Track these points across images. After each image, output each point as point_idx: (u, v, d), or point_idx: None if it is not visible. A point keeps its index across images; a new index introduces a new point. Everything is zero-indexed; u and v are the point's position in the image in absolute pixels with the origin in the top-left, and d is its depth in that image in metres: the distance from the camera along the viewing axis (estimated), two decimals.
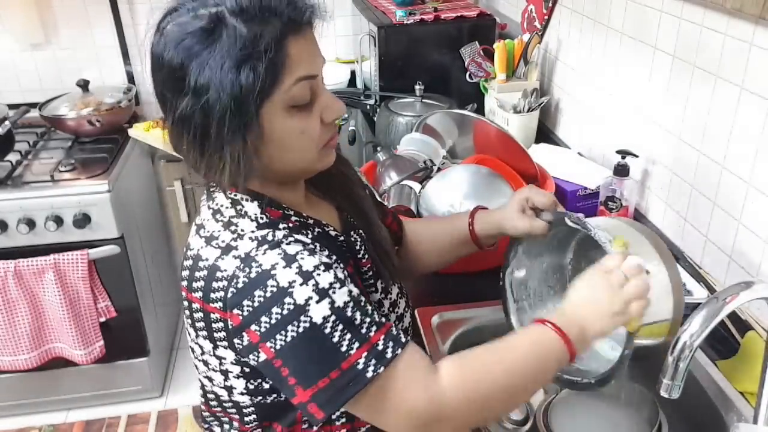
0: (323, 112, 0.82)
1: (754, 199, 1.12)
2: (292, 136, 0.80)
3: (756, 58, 1.09)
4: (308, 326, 0.73)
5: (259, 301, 0.74)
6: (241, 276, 0.76)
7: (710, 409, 1.02)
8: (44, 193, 2.02)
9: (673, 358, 0.80)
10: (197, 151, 0.79)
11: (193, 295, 0.82)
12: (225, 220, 0.82)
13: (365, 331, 0.75)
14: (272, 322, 0.74)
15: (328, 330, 0.74)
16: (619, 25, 1.54)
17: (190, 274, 0.82)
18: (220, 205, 0.84)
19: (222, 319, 0.78)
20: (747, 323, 1.12)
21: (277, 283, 0.74)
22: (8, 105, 2.26)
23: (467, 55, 2.04)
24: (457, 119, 1.68)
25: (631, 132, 1.53)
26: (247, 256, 0.77)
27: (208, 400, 0.92)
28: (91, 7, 2.47)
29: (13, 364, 2.12)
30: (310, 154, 0.83)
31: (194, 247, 0.83)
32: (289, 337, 0.74)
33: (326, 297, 0.75)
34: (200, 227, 0.85)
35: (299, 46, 0.77)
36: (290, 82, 0.77)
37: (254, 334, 0.75)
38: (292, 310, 0.74)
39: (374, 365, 0.74)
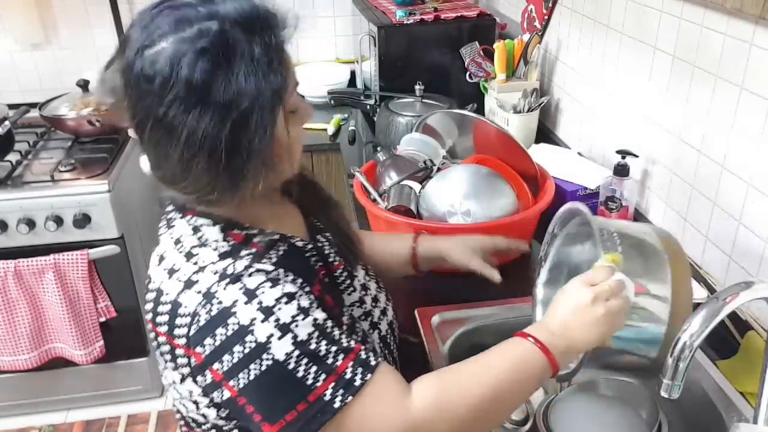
0: (304, 115, 0.85)
1: (754, 199, 1.12)
2: (298, 140, 0.84)
3: (756, 58, 1.09)
4: (271, 364, 0.72)
5: (220, 340, 0.73)
6: (203, 313, 0.75)
7: (710, 409, 1.02)
8: (44, 193, 2.02)
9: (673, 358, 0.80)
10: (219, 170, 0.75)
11: (158, 329, 0.81)
12: (186, 251, 0.80)
13: (331, 361, 0.74)
14: (234, 360, 0.73)
15: (291, 366, 0.72)
16: (619, 25, 1.54)
17: (154, 307, 0.81)
18: (180, 233, 0.83)
19: (186, 355, 0.77)
20: (747, 323, 1.12)
21: (238, 320, 0.73)
22: (8, 105, 2.26)
23: (467, 55, 2.04)
24: (457, 119, 1.68)
25: (631, 132, 1.53)
26: (208, 292, 0.75)
27: (188, 423, 0.90)
28: (91, 7, 2.47)
29: (13, 364, 2.12)
30: (299, 160, 0.86)
31: (156, 280, 0.82)
32: (252, 375, 0.73)
33: (288, 332, 0.73)
34: (161, 258, 0.83)
35: (288, 54, 0.79)
36: (292, 89, 0.79)
37: (217, 373, 0.74)
38: (253, 348, 0.72)
39: (342, 395, 0.73)
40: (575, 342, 0.82)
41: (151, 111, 0.74)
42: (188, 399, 0.83)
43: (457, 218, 1.36)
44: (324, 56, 2.73)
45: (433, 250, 1.12)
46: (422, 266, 1.13)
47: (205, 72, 0.71)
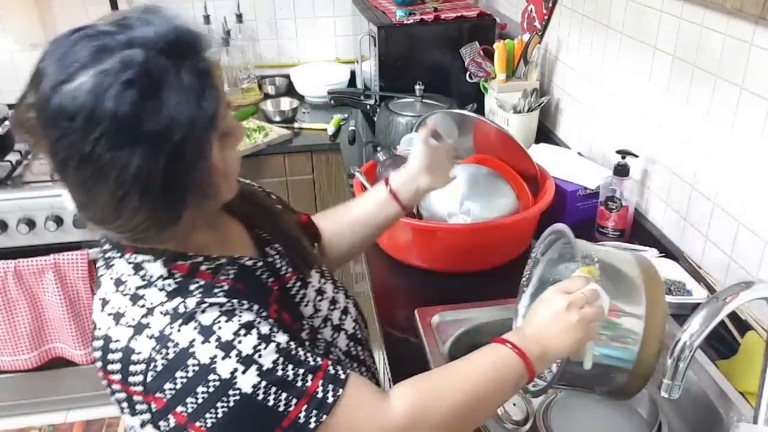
0: (237, 135, 0.80)
1: (754, 199, 1.12)
2: (234, 164, 0.79)
3: (756, 58, 1.09)
4: (239, 398, 0.70)
5: (182, 383, 0.70)
6: (159, 358, 0.71)
7: (710, 409, 1.02)
8: (44, 193, 2.02)
9: (673, 358, 0.80)
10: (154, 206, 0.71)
11: (111, 377, 0.77)
12: (131, 293, 0.76)
13: (300, 384, 0.72)
14: (199, 401, 0.70)
15: (261, 396, 0.70)
16: (619, 25, 1.54)
17: (104, 356, 0.77)
18: (121, 273, 0.79)
19: (145, 402, 0.74)
20: (747, 323, 1.12)
21: (198, 361, 0.70)
22: (8, 105, 2.26)
23: (467, 55, 2.04)
24: (457, 119, 1.68)
25: (631, 132, 1.53)
26: (162, 335, 0.71)
27: None
28: (91, 7, 2.47)
29: (13, 364, 2.12)
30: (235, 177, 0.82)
31: (102, 326, 0.78)
32: (220, 413, 0.70)
33: (252, 364, 0.70)
34: (105, 302, 0.79)
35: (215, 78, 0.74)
36: (224, 109, 0.74)
37: (181, 416, 0.71)
38: (218, 386, 0.69)
39: (316, 415, 0.71)
40: (550, 348, 0.82)
41: (75, 150, 0.68)
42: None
43: (457, 218, 1.36)
44: (324, 56, 2.73)
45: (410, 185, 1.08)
46: (405, 200, 1.08)
47: (133, 104, 0.66)
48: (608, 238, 1.44)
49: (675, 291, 1.21)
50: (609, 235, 1.44)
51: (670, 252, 1.35)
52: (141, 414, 0.75)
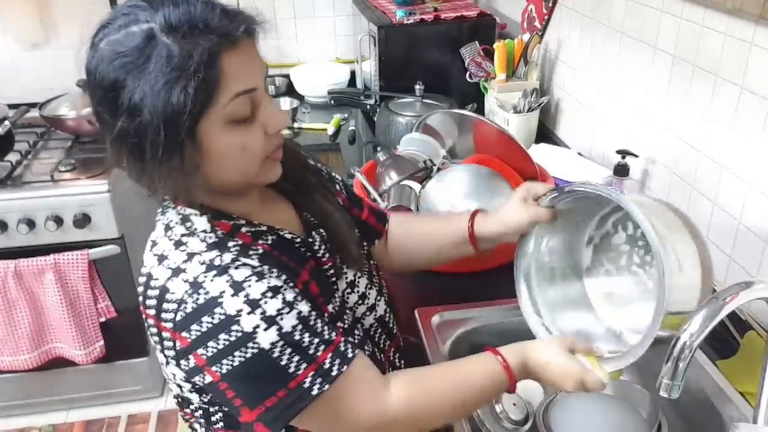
0: (266, 124, 0.80)
1: (754, 199, 1.12)
2: (232, 152, 0.78)
3: (756, 58, 1.09)
4: (256, 352, 0.75)
5: (207, 327, 0.75)
6: (190, 301, 0.76)
7: (710, 409, 1.02)
8: (44, 193, 2.02)
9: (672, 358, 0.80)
10: (136, 168, 0.78)
11: (147, 312, 0.82)
12: (176, 239, 0.82)
13: (312, 351, 0.77)
14: (219, 347, 0.75)
15: (276, 354, 0.75)
16: (619, 25, 1.54)
17: (144, 291, 0.83)
18: (170, 220, 0.84)
19: (171, 338, 0.79)
20: (747, 323, 1.12)
21: (225, 311, 0.75)
22: (8, 105, 2.26)
23: (467, 55, 2.04)
24: (457, 119, 1.68)
25: (631, 132, 1.53)
26: (196, 282, 0.77)
27: (180, 403, 0.92)
28: (91, 7, 2.46)
29: (13, 364, 2.12)
30: (251, 169, 0.82)
31: (147, 265, 0.84)
32: (236, 362, 0.75)
33: (274, 324, 0.76)
34: (154, 244, 0.85)
35: (235, 60, 0.75)
36: (227, 99, 0.75)
37: (200, 358, 0.76)
38: (239, 337, 0.75)
39: (320, 383, 0.77)
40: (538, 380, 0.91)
41: (92, 105, 0.79)
42: (173, 381, 0.86)
43: None
44: (324, 56, 2.73)
45: (492, 223, 1.06)
46: (483, 245, 1.08)
47: (116, 76, 0.73)
48: None
49: None
50: None
51: None
52: (167, 350, 0.81)
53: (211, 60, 0.72)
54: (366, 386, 0.81)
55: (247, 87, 0.76)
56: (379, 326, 1.01)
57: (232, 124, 0.77)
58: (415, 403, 0.83)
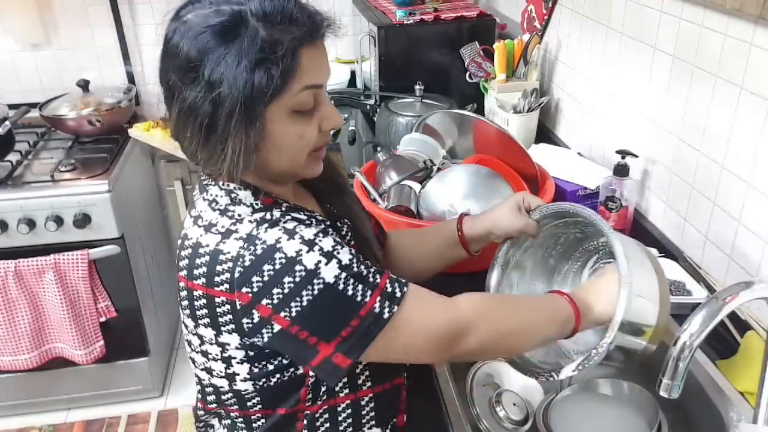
0: (322, 120, 0.86)
1: (754, 199, 1.12)
2: (291, 139, 0.84)
3: (756, 58, 1.09)
4: (323, 287, 0.77)
5: (269, 275, 0.77)
6: (247, 255, 0.78)
7: (710, 409, 1.02)
8: (44, 193, 2.02)
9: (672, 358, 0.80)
10: (200, 141, 0.81)
11: (194, 283, 0.83)
12: (222, 208, 0.84)
13: (372, 279, 0.81)
14: (285, 291, 0.77)
15: (341, 286, 0.78)
16: (619, 25, 1.54)
17: (190, 262, 0.83)
18: (215, 195, 0.86)
19: (228, 301, 0.80)
20: (747, 323, 1.12)
21: (285, 254, 0.77)
22: (8, 105, 2.26)
23: (467, 55, 2.04)
24: (457, 119, 1.68)
25: (631, 132, 1.53)
26: (249, 236, 0.79)
27: (206, 395, 0.93)
28: (91, 7, 2.47)
29: (13, 364, 2.12)
30: (301, 159, 0.87)
31: (192, 236, 0.85)
32: (305, 301, 0.77)
33: (333, 258, 0.79)
34: (197, 218, 0.86)
35: (311, 56, 0.80)
36: (298, 89, 0.80)
37: (265, 309, 0.78)
38: (304, 276, 0.77)
39: (389, 306, 0.80)
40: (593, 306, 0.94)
41: (164, 75, 0.83)
42: (218, 358, 0.86)
43: None
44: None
45: (480, 226, 1.12)
46: (473, 246, 1.13)
47: (202, 47, 0.77)
48: None
49: (675, 291, 1.21)
50: None
51: (669, 252, 1.35)
52: (221, 317, 0.82)
53: (294, 50, 0.78)
54: (431, 300, 0.86)
55: (315, 82, 0.82)
56: None
57: (295, 114, 0.82)
58: (484, 309, 0.87)
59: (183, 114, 0.80)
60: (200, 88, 0.77)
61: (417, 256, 1.17)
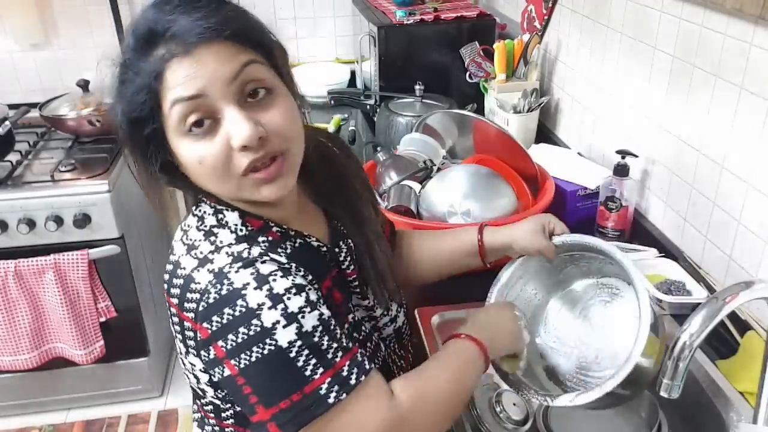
0: (229, 136, 0.75)
1: (754, 199, 1.12)
2: (191, 165, 0.78)
3: (756, 58, 1.09)
4: (273, 349, 0.73)
5: (227, 319, 0.74)
6: (213, 291, 0.75)
7: (710, 409, 1.02)
8: (44, 193, 2.02)
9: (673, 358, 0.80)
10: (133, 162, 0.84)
11: (171, 300, 0.82)
12: (206, 229, 0.83)
13: (331, 356, 0.75)
14: (238, 341, 0.74)
15: (293, 354, 0.73)
16: (619, 25, 1.54)
17: (170, 278, 0.83)
18: (203, 212, 0.85)
19: (192, 329, 0.79)
20: (747, 323, 1.12)
21: (247, 303, 0.74)
22: (8, 105, 2.26)
23: (467, 55, 2.04)
24: (457, 119, 1.68)
25: (631, 132, 1.53)
26: (221, 272, 0.76)
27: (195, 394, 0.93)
28: (91, 7, 2.47)
29: (13, 364, 2.12)
30: (222, 184, 0.79)
31: (176, 253, 0.84)
32: (253, 358, 0.74)
33: (294, 322, 0.74)
34: (185, 233, 0.85)
35: (180, 67, 0.73)
36: (167, 107, 0.74)
37: (220, 350, 0.75)
38: (258, 332, 0.73)
39: (337, 391, 0.74)
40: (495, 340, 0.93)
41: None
42: (191, 372, 0.86)
43: (457, 218, 1.36)
44: (324, 56, 2.73)
45: (501, 238, 1.10)
46: (490, 257, 1.12)
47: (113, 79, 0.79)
48: (608, 238, 1.44)
49: (675, 291, 1.21)
50: (609, 235, 1.44)
51: (670, 252, 1.35)
52: (188, 340, 0.81)
53: (154, 72, 0.74)
54: (378, 396, 0.78)
55: (183, 94, 0.73)
56: (395, 337, 1.02)
57: (188, 134, 0.75)
58: (418, 393, 0.82)
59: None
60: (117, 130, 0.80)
61: (427, 259, 1.15)
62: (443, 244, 1.15)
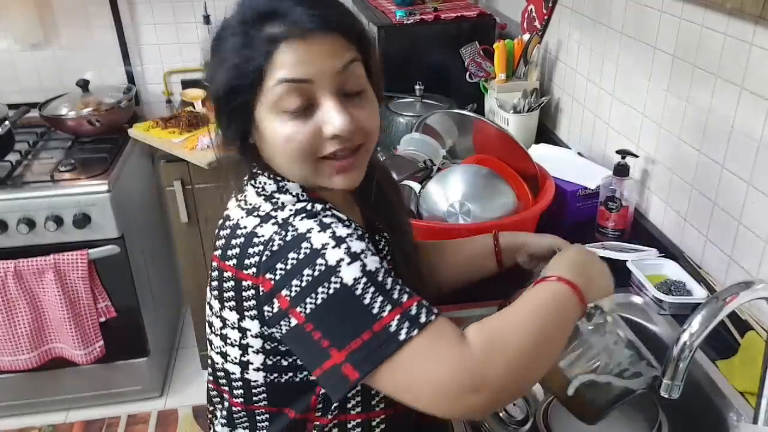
0: (323, 124, 0.80)
1: (754, 199, 1.12)
2: (277, 140, 0.81)
3: (756, 58, 1.09)
4: (338, 287, 0.73)
5: (291, 264, 0.75)
6: (277, 239, 0.77)
7: (710, 409, 1.02)
8: (44, 193, 2.02)
9: (673, 358, 0.80)
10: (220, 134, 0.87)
11: (226, 264, 0.82)
12: (267, 194, 0.85)
13: (397, 296, 0.74)
14: (303, 284, 0.74)
15: (359, 291, 0.73)
16: (619, 25, 1.54)
17: (226, 242, 0.83)
18: (263, 182, 0.87)
19: (254, 285, 0.79)
20: (747, 323, 1.12)
21: (311, 245, 0.75)
22: (8, 105, 2.26)
23: (467, 55, 2.04)
24: (457, 119, 1.69)
25: (631, 132, 1.53)
26: (285, 222, 0.79)
27: (217, 378, 0.92)
28: (91, 7, 2.46)
29: (13, 364, 2.12)
30: (300, 165, 0.82)
31: (234, 217, 0.85)
32: (319, 300, 0.73)
33: (357, 260, 0.74)
34: (242, 201, 0.87)
35: (293, 50, 0.77)
36: (270, 84, 0.79)
37: (284, 300, 0.75)
38: (323, 271, 0.74)
39: (407, 328, 0.72)
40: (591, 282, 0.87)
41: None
42: (236, 343, 0.84)
43: (457, 218, 1.37)
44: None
45: (515, 242, 1.12)
46: (505, 260, 1.13)
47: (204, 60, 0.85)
48: (608, 238, 1.44)
49: (675, 291, 1.21)
50: (609, 236, 1.44)
51: (670, 252, 1.35)
52: (246, 301, 0.80)
53: (268, 47, 0.78)
54: (448, 339, 0.73)
55: (292, 76, 0.78)
56: None
57: (283, 114, 0.80)
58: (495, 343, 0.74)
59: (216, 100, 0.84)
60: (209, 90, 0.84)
61: (444, 266, 1.15)
62: (460, 251, 1.16)
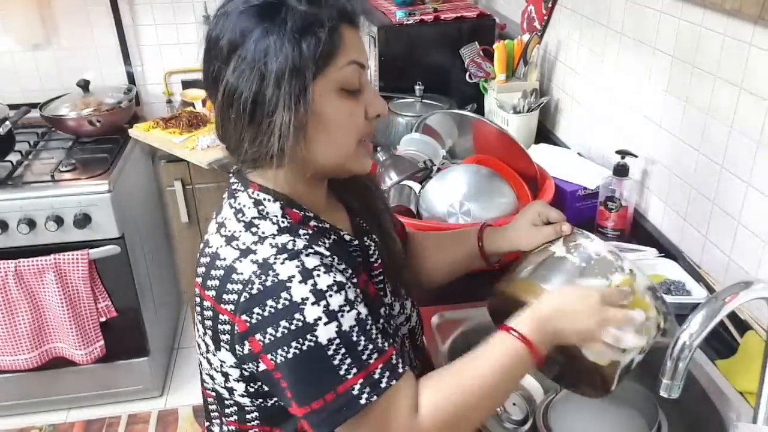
0: (368, 106, 0.84)
1: (754, 199, 1.12)
2: (340, 116, 0.81)
3: (755, 59, 1.09)
4: (312, 346, 0.73)
5: (269, 312, 0.74)
6: (257, 282, 0.75)
7: (710, 409, 1.02)
8: (44, 193, 2.02)
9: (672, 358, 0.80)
10: (246, 119, 0.78)
11: (206, 293, 0.81)
12: (246, 221, 0.82)
13: (366, 357, 0.75)
14: (277, 335, 0.74)
15: (330, 352, 0.74)
16: (618, 26, 1.54)
17: (206, 271, 0.82)
18: (242, 204, 0.84)
19: (230, 322, 0.78)
20: (746, 323, 1.12)
21: (291, 297, 0.74)
22: (9, 105, 2.26)
23: (467, 56, 2.04)
24: (457, 119, 1.69)
25: (630, 132, 1.53)
26: (265, 263, 0.76)
27: (211, 396, 0.92)
28: (91, 7, 2.47)
29: (14, 364, 2.12)
30: (350, 145, 0.84)
31: (213, 245, 0.83)
32: (290, 354, 0.74)
33: (335, 320, 0.75)
34: (221, 225, 0.84)
35: (351, 34, 0.81)
36: (344, 62, 0.80)
37: (257, 344, 0.75)
38: (300, 327, 0.73)
39: (368, 393, 0.74)
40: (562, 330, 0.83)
41: (208, 68, 0.81)
42: (218, 370, 0.84)
43: (457, 218, 1.37)
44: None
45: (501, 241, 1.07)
46: (492, 260, 1.10)
47: (243, 29, 0.77)
48: (608, 238, 1.44)
49: (675, 291, 1.21)
50: (609, 235, 1.44)
51: (669, 252, 1.35)
52: (222, 334, 0.80)
53: (336, 26, 0.78)
54: (405, 407, 0.77)
55: (360, 59, 0.82)
56: (409, 336, 1.02)
57: (342, 91, 0.81)
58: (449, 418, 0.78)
59: (227, 96, 0.78)
60: (245, 65, 0.76)
61: (435, 261, 1.15)
62: (447, 247, 1.15)
